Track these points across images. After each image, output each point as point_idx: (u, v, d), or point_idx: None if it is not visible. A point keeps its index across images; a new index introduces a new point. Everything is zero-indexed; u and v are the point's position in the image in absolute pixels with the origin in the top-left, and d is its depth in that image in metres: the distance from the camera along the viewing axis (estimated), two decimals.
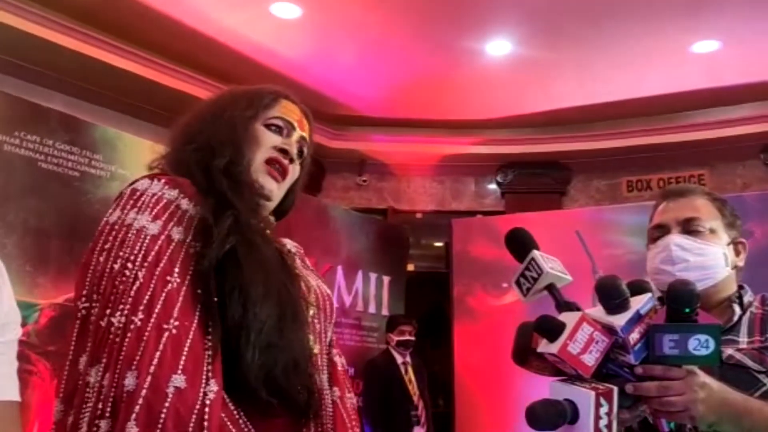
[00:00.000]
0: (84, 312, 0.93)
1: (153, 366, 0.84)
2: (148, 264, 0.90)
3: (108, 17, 4.20)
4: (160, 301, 0.88)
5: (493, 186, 6.42)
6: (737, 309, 1.37)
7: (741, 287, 1.42)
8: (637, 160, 5.91)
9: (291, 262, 1.12)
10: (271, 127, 1.15)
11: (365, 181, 6.36)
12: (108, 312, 0.88)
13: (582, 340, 0.97)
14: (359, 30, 4.47)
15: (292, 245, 1.24)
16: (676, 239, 1.37)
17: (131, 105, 4.83)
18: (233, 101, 1.16)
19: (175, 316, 0.88)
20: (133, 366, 0.84)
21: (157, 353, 0.85)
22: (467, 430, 4.57)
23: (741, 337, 1.32)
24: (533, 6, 4.14)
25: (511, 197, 6.26)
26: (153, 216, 0.95)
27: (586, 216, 4.75)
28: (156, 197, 0.97)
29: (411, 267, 5.81)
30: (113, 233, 0.95)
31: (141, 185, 1.00)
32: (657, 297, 1.16)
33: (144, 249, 0.91)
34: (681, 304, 1.00)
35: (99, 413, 0.83)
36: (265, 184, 1.12)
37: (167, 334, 0.86)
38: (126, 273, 0.90)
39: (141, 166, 1.16)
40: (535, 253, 1.05)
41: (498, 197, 6.40)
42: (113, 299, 0.89)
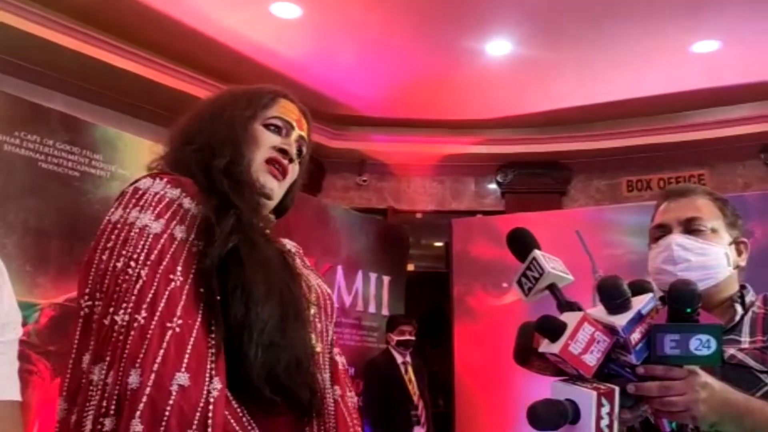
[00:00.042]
0: (87, 310, 0.93)
1: (157, 364, 0.84)
2: (151, 262, 0.90)
3: (108, 17, 4.20)
4: (163, 300, 0.88)
5: (493, 186, 6.42)
6: (739, 309, 1.36)
7: (743, 287, 1.42)
8: (637, 160, 5.91)
9: (292, 261, 1.12)
10: (270, 127, 1.14)
11: (365, 181, 6.36)
12: (111, 310, 0.88)
13: (583, 340, 0.97)
14: (359, 30, 4.46)
15: (291, 245, 1.24)
16: (677, 239, 1.37)
17: (131, 105, 4.83)
18: (232, 101, 1.16)
19: (179, 314, 0.88)
20: (137, 364, 0.84)
21: (161, 351, 0.85)
22: (467, 430, 4.57)
23: (743, 337, 1.32)
24: (533, 6, 4.14)
25: (511, 197, 6.26)
26: (156, 215, 0.95)
27: (586, 216, 4.75)
28: (158, 196, 0.97)
29: (411, 267, 5.81)
30: (116, 232, 0.94)
31: (143, 184, 1.00)
32: (659, 297, 1.16)
33: (147, 247, 0.91)
34: (682, 304, 0.99)
35: (103, 411, 0.83)
36: (267, 183, 1.12)
37: (171, 332, 0.86)
38: (129, 271, 0.89)
39: (141, 166, 1.16)
40: (537, 253, 1.05)
41: (498, 197, 6.40)
42: (116, 297, 0.89)
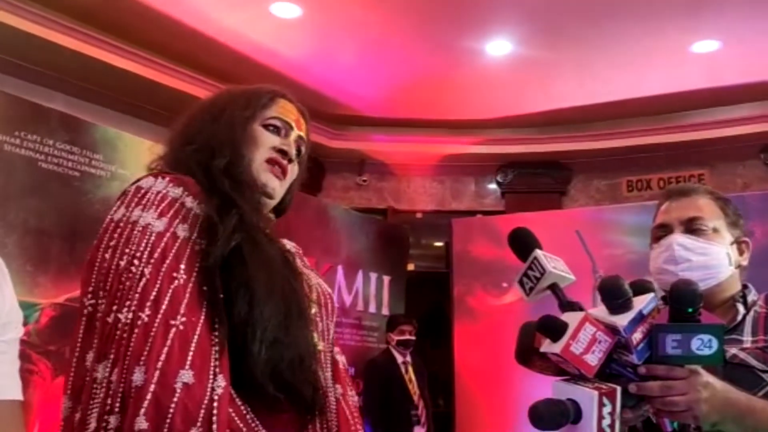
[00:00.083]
0: (90, 309, 0.93)
1: (161, 361, 0.84)
2: (154, 260, 0.90)
3: (108, 17, 4.20)
4: (166, 298, 0.88)
5: (493, 186, 6.42)
6: (741, 308, 1.36)
7: (745, 286, 1.41)
8: (637, 160, 5.91)
9: (293, 260, 1.12)
10: (269, 128, 1.15)
11: (365, 181, 6.36)
12: (115, 308, 0.88)
13: (585, 340, 0.97)
14: (359, 30, 4.46)
15: (291, 245, 1.24)
16: (678, 239, 1.37)
17: (131, 105, 4.83)
18: (231, 101, 1.16)
19: (182, 312, 0.88)
20: (141, 361, 0.84)
21: (165, 349, 0.85)
22: (467, 429, 4.57)
23: (745, 337, 1.32)
24: (533, 6, 4.14)
25: (511, 197, 6.26)
26: (158, 213, 0.95)
27: (586, 216, 4.75)
28: (161, 195, 0.97)
29: (411, 267, 5.81)
30: (118, 230, 0.95)
31: (145, 183, 1.00)
32: (660, 297, 1.16)
33: (150, 246, 0.92)
34: (684, 303, 1.00)
35: (108, 409, 0.83)
36: (269, 182, 1.12)
37: (174, 329, 0.86)
38: (132, 269, 0.90)
39: (141, 166, 1.16)
40: (538, 253, 1.05)
41: (498, 197, 6.40)
42: (120, 296, 0.89)
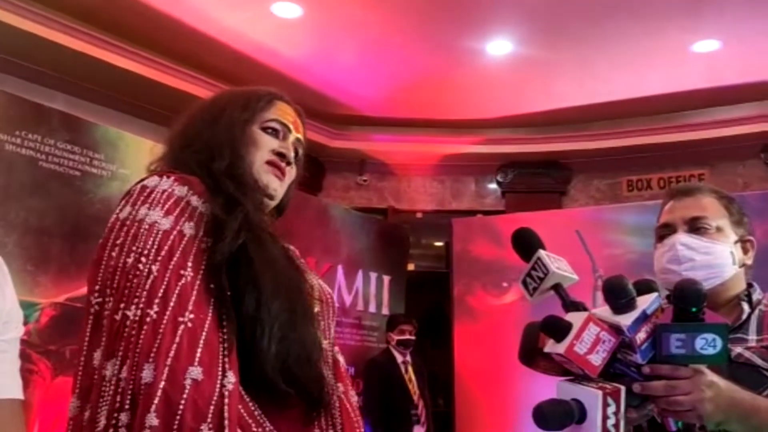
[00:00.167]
0: (97, 307, 0.93)
1: (170, 358, 0.84)
2: (161, 258, 0.91)
3: (109, 17, 4.20)
4: (174, 295, 0.88)
5: (494, 185, 6.42)
6: (746, 307, 1.36)
7: (750, 285, 1.41)
8: (637, 159, 5.91)
9: (296, 259, 1.13)
10: (268, 130, 1.15)
11: (366, 181, 6.36)
12: (122, 306, 0.88)
13: (589, 340, 0.97)
14: (360, 30, 4.47)
15: (288, 246, 1.25)
16: (682, 238, 1.37)
17: (132, 104, 4.83)
18: (229, 103, 1.16)
19: (190, 309, 0.89)
20: (151, 358, 0.84)
21: (174, 346, 0.85)
22: (467, 429, 4.57)
23: (750, 335, 1.32)
24: (533, 6, 4.14)
25: (512, 197, 6.27)
26: (165, 211, 0.95)
27: (586, 216, 4.75)
28: (167, 193, 0.98)
29: (411, 266, 5.81)
30: (125, 229, 0.95)
31: (151, 182, 1.00)
32: (665, 296, 1.16)
33: (157, 243, 0.92)
34: (687, 303, 1.00)
35: (117, 406, 0.84)
36: (270, 183, 1.13)
37: (183, 326, 0.87)
38: (140, 267, 0.90)
39: (142, 165, 1.17)
40: (542, 253, 1.06)
41: (498, 197, 6.41)
42: (127, 293, 0.89)
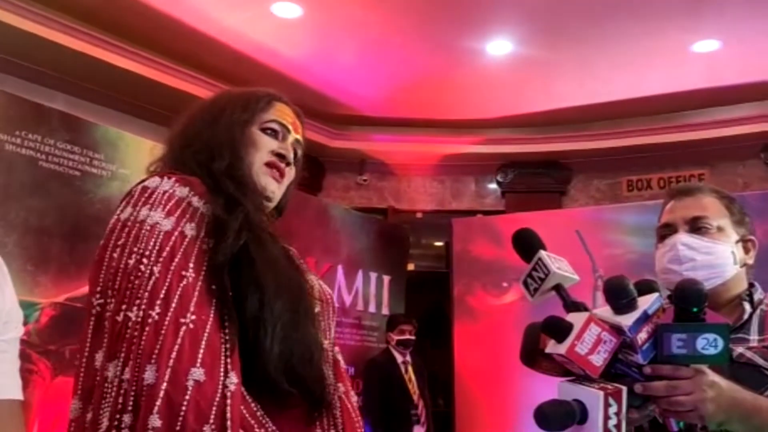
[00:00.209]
0: (99, 308, 0.93)
1: (172, 359, 0.84)
2: (163, 259, 0.91)
3: (109, 17, 4.20)
4: (176, 296, 0.89)
5: (494, 185, 6.42)
6: (747, 307, 1.36)
7: (752, 285, 1.41)
8: (637, 159, 5.91)
9: (296, 258, 1.13)
10: (267, 131, 1.16)
11: (366, 181, 6.36)
12: (124, 307, 0.89)
13: (590, 340, 0.97)
14: (360, 30, 4.46)
15: (288, 247, 1.25)
16: (682, 238, 1.37)
17: (132, 104, 4.83)
18: (229, 104, 1.17)
19: (192, 310, 0.89)
20: (153, 360, 0.84)
21: (176, 347, 0.85)
22: (467, 429, 4.57)
23: (751, 335, 1.31)
24: (533, 6, 4.14)
25: (512, 197, 6.27)
26: (166, 212, 0.95)
27: (586, 216, 4.75)
28: (168, 194, 0.98)
29: (411, 266, 5.81)
30: (126, 230, 0.95)
31: (152, 183, 1.00)
32: (666, 296, 1.16)
33: (158, 244, 0.92)
34: (689, 303, 1.00)
35: (120, 408, 0.84)
36: (268, 185, 1.13)
37: (185, 328, 0.87)
38: (141, 268, 0.90)
39: (142, 165, 1.17)
40: (542, 254, 1.06)
41: (498, 197, 6.41)
42: (129, 294, 0.89)
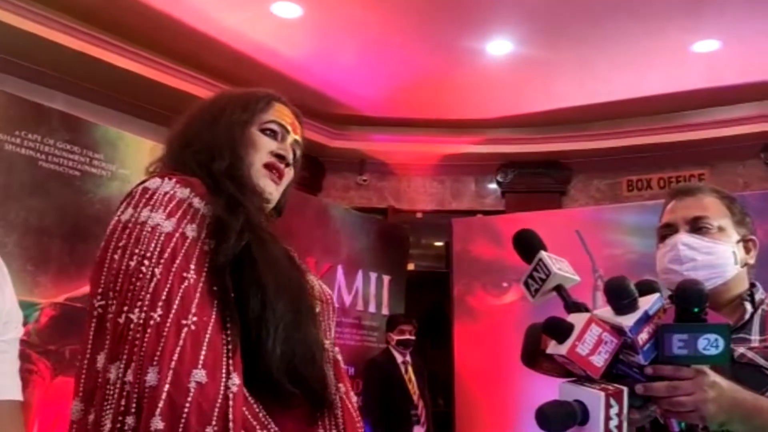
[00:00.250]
0: (100, 310, 0.93)
1: (174, 361, 0.84)
2: (164, 261, 0.91)
3: (109, 17, 4.20)
4: (177, 298, 0.89)
5: (494, 185, 6.42)
6: (749, 307, 1.36)
7: (753, 285, 1.41)
8: (637, 159, 5.91)
9: (297, 259, 1.13)
10: (267, 132, 1.16)
11: (365, 181, 6.36)
12: (126, 309, 0.89)
13: (591, 341, 0.97)
14: (360, 30, 4.46)
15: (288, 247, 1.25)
16: (683, 238, 1.37)
17: (132, 104, 4.83)
18: (229, 104, 1.17)
19: (193, 311, 0.89)
20: (155, 362, 0.84)
21: (177, 349, 0.85)
22: (467, 429, 4.56)
23: (753, 336, 1.31)
24: (533, 6, 4.14)
25: (512, 197, 6.27)
26: (167, 214, 0.95)
27: (586, 216, 4.74)
28: (168, 195, 0.98)
29: (411, 266, 5.81)
30: (127, 231, 0.95)
31: (152, 184, 1.00)
32: (668, 296, 1.16)
33: (160, 246, 0.92)
34: (690, 303, 0.99)
35: (122, 409, 0.84)
36: (266, 187, 1.14)
37: (186, 329, 0.87)
38: (142, 270, 0.90)
39: (142, 165, 1.17)
40: (543, 254, 1.06)
41: (498, 197, 6.40)
42: (131, 296, 0.89)
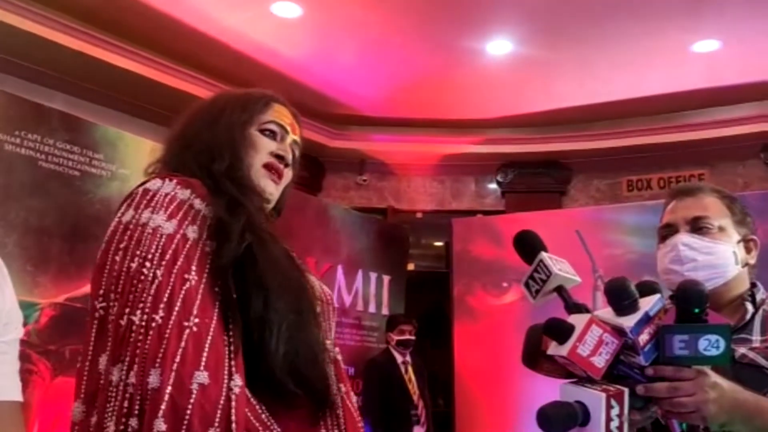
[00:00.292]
0: (102, 312, 0.93)
1: (176, 363, 0.84)
2: (165, 262, 0.91)
3: (109, 16, 4.19)
4: (179, 299, 0.89)
5: (493, 185, 6.42)
6: (750, 307, 1.35)
7: (754, 285, 1.40)
8: (637, 159, 5.91)
9: (298, 259, 1.13)
10: (266, 132, 1.16)
11: (365, 181, 6.36)
12: (128, 311, 0.89)
13: (591, 342, 0.97)
14: (359, 30, 4.46)
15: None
16: (683, 239, 1.37)
17: (132, 104, 4.83)
18: (228, 105, 1.17)
19: (195, 313, 0.89)
20: (157, 364, 0.84)
21: (179, 350, 0.85)
22: (467, 429, 4.56)
23: (754, 336, 1.31)
24: (533, 6, 4.14)
25: (511, 197, 6.27)
26: (168, 215, 0.95)
27: (586, 216, 4.74)
28: (169, 197, 0.98)
29: (411, 266, 5.81)
30: (128, 233, 0.95)
31: (153, 185, 1.00)
32: (669, 296, 1.16)
33: (161, 248, 0.92)
34: (690, 304, 0.99)
35: (125, 411, 0.84)
36: (266, 187, 1.14)
37: (188, 331, 0.87)
38: (144, 272, 0.90)
39: (142, 165, 1.17)
40: (544, 255, 1.06)
41: (498, 197, 6.41)
42: (132, 298, 0.89)
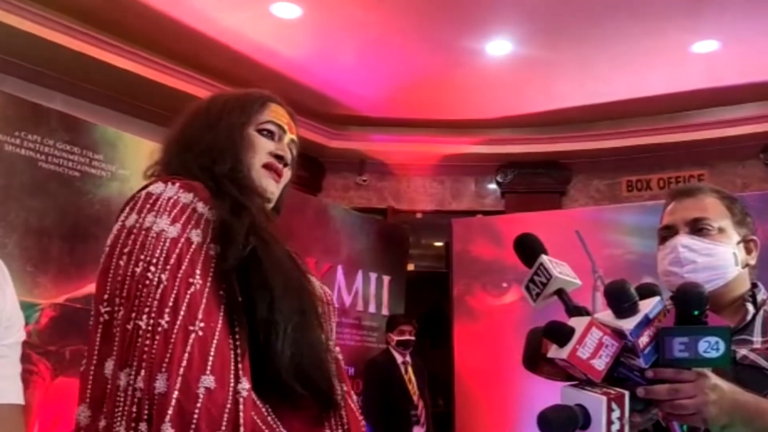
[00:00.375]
0: (107, 316, 0.93)
1: (182, 368, 0.85)
2: (170, 267, 0.91)
3: (108, 17, 4.19)
4: (184, 304, 0.89)
5: (493, 186, 6.42)
6: (750, 308, 1.35)
7: (755, 285, 1.40)
8: (637, 160, 5.91)
9: (300, 260, 1.13)
10: (264, 132, 1.16)
11: (365, 181, 6.36)
12: (134, 315, 0.89)
13: (591, 344, 0.97)
14: (359, 30, 4.46)
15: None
16: (683, 240, 1.36)
17: (132, 105, 4.83)
18: (226, 107, 1.17)
19: (200, 317, 0.89)
20: (163, 368, 0.85)
21: (185, 355, 0.86)
22: (467, 430, 4.57)
23: (755, 337, 1.30)
24: (533, 6, 4.14)
25: (511, 197, 6.27)
26: (171, 219, 0.95)
27: (586, 216, 4.74)
28: (172, 200, 0.98)
29: (411, 267, 5.81)
30: (132, 237, 0.95)
31: (156, 189, 1.00)
32: (669, 297, 1.16)
33: (165, 252, 0.92)
34: (690, 306, 1.00)
35: (135, 416, 0.84)
36: (268, 186, 1.14)
37: (194, 335, 0.87)
38: (149, 276, 0.90)
39: (141, 166, 1.17)
40: (544, 258, 1.05)
41: (498, 197, 6.40)
42: (138, 303, 0.90)
